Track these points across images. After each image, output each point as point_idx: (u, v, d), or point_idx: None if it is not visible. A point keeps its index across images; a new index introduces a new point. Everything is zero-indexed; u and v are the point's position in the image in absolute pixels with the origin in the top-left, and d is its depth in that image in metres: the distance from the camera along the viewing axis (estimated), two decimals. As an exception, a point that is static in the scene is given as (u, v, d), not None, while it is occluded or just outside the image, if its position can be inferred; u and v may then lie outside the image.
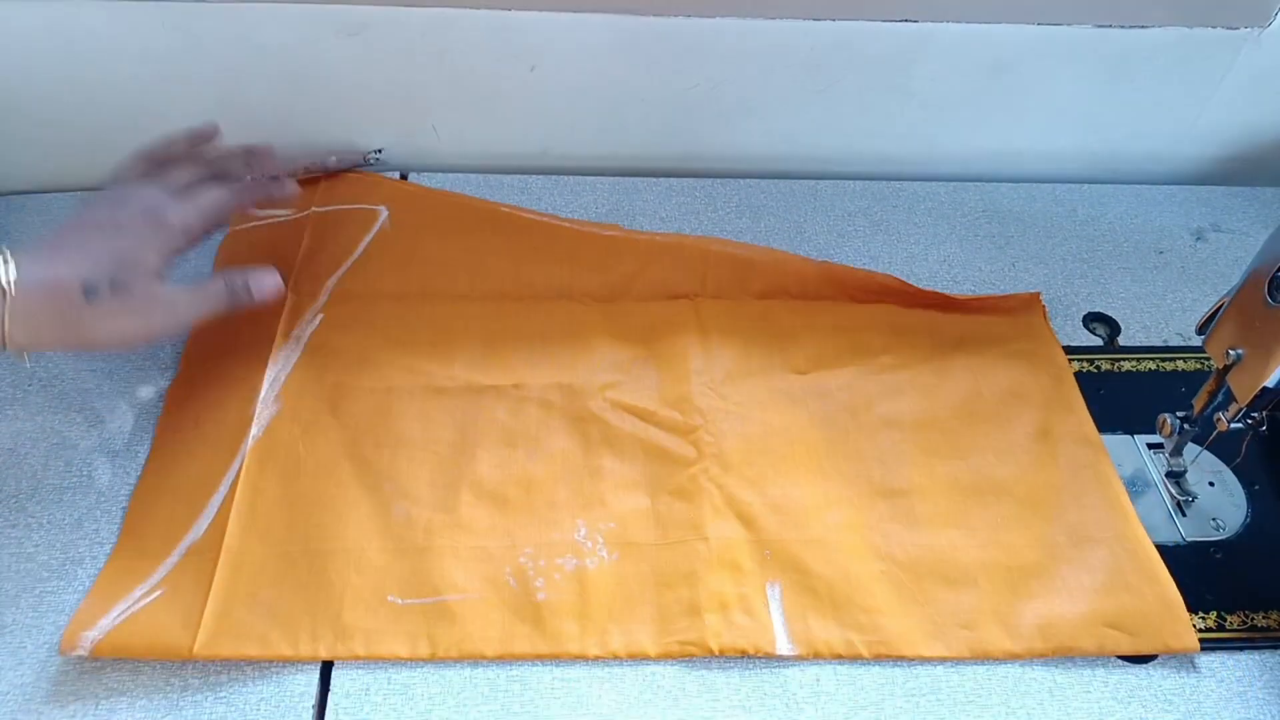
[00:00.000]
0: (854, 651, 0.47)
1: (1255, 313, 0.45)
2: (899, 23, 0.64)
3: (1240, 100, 0.70)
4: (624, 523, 0.51)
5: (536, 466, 0.53)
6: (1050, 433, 0.56)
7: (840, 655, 0.47)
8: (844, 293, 0.63)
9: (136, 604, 0.47)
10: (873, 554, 0.51)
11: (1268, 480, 0.56)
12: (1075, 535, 0.52)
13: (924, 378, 0.59)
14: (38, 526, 0.50)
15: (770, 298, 0.63)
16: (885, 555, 0.51)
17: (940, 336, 0.61)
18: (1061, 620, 0.48)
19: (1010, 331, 0.62)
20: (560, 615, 0.48)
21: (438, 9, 0.62)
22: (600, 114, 0.70)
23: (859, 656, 0.47)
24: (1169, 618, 0.48)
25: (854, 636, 0.48)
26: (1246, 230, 0.70)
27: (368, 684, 0.46)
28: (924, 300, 0.63)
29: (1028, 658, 0.48)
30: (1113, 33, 0.65)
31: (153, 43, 0.62)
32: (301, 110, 0.67)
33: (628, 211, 0.69)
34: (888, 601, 0.49)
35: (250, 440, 0.53)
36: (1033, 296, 0.63)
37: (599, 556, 0.50)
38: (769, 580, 0.49)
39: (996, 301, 0.63)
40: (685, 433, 0.55)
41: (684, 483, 0.53)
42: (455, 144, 0.71)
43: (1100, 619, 0.48)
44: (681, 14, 0.63)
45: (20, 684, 0.45)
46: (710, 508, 0.52)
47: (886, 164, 0.74)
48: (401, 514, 0.51)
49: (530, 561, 0.50)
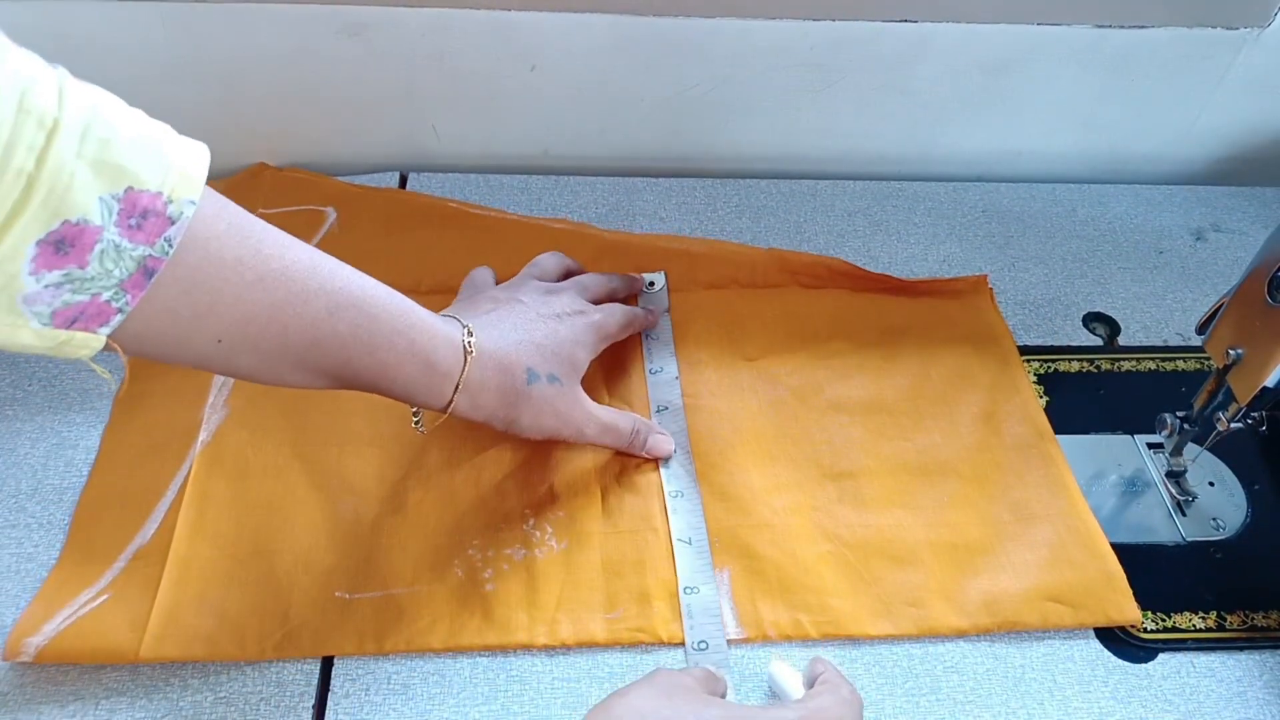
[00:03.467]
0: (802, 632, 0.48)
1: (1255, 313, 0.46)
2: (899, 23, 0.64)
3: (1240, 100, 0.70)
4: (573, 513, 0.51)
5: (485, 460, 0.53)
6: (995, 414, 0.57)
7: (789, 636, 0.48)
8: (793, 279, 0.63)
9: (82, 609, 0.46)
10: (821, 536, 0.51)
11: (1268, 480, 0.56)
12: (1020, 513, 0.52)
13: (872, 362, 0.59)
14: (38, 526, 0.50)
15: (719, 288, 0.63)
16: (833, 536, 0.51)
17: (888, 321, 0.61)
18: (1006, 596, 0.49)
19: (958, 314, 0.62)
20: (509, 605, 0.48)
21: (438, 9, 0.62)
22: (600, 114, 0.70)
23: (807, 637, 0.48)
24: (1110, 590, 0.49)
25: (802, 617, 0.48)
26: (1246, 230, 0.70)
27: (368, 684, 0.46)
28: (873, 283, 0.63)
29: (974, 633, 0.48)
30: (1113, 33, 0.65)
31: (153, 43, 0.62)
32: (301, 111, 0.67)
33: (628, 211, 0.69)
34: (835, 582, 0.49)
35: (199, 446, 0.53)
36: (980, 279, 0.64)
37: (548, 546, 0.50)
38: (718, 567, 0.50)
39: (944, 285, 0.63)
40: None
41: (634, 475, 0.53)
42: (455, 144, 0.71)
43: (1043, 593, 0.49)
44: (681, 14, 0.63)
45: (20, 684, 0.45)
46: (659, 499, 0.52)
47: (886, 164, 0.74)
48: (349, 510, 0.51)
49: (479, 553, 0.50)
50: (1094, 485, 0.55)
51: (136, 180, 0.33)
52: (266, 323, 0.38)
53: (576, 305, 0.53)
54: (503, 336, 0.48)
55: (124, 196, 0.32)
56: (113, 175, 0.32)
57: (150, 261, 0.34)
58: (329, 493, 0.52)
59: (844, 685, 0.43)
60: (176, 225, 0.34)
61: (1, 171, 0.29)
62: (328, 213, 0.66)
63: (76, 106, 0.31)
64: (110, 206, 0.32)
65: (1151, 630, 0.49)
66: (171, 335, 0.37)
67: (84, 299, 0.33)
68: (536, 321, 0.51)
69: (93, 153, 0.31)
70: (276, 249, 0.38)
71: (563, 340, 0.51)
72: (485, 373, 0.47)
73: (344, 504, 0.51)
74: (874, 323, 0.61)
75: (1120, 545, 0.51)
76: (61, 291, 0.32)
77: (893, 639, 0.48)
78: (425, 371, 0.44)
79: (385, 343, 0.42)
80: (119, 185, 0.32)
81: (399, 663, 0.47)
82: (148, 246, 0.33)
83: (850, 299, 0.63)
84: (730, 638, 0.48)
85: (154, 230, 0.33)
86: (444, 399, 0.46)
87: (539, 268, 0.57)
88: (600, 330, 0.54)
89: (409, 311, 0.44)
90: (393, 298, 0.43)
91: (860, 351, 0.60)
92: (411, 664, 0.47)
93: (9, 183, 0.30)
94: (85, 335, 0.34)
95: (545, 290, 0.54)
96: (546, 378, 0.49)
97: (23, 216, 0.30)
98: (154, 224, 0.33)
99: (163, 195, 0.33)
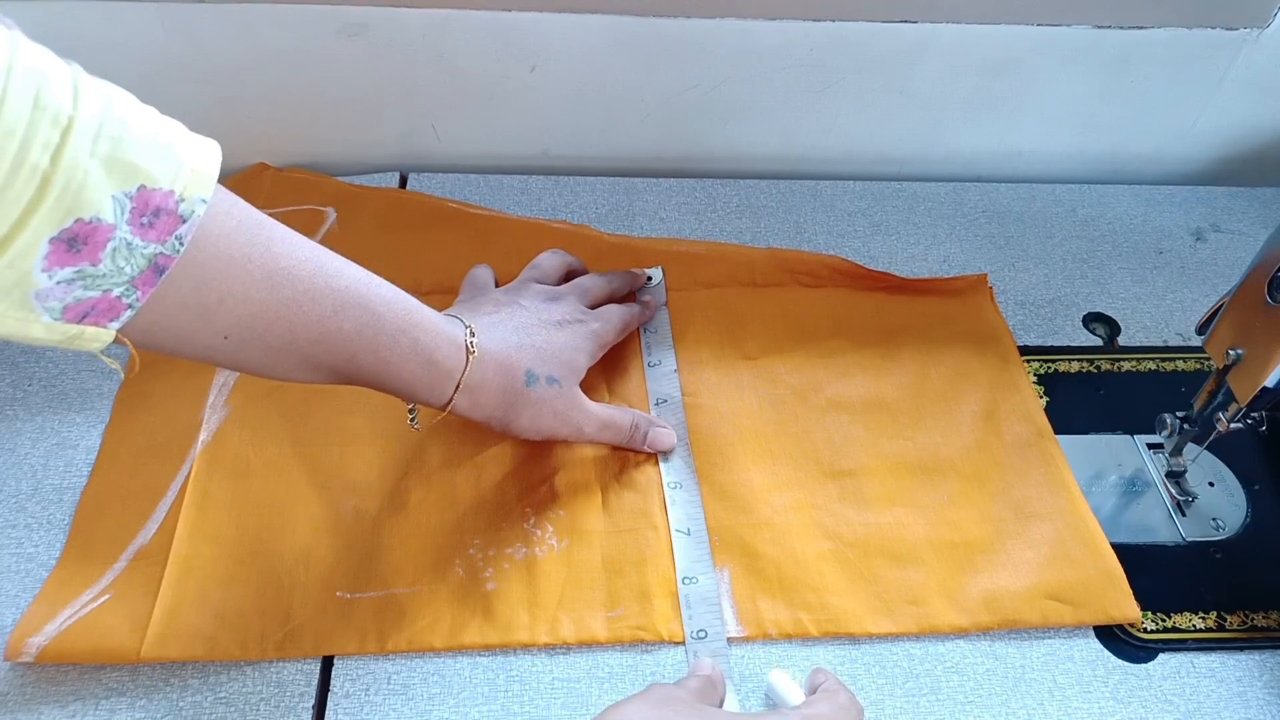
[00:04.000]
0: (803, 630, 0.48)
1: (1255, 313, 0.46)
2: (899, 23, 0.64)
3: (1240, 100, 0.70)
4: (573, 511, 0.52)
5: (486, 459, 0.53)
6: (995, 412, 0.57)
7: (789, 634, 0.48)
8: (793, 277, 0.64)
9: (83, 609, 0.46)
10: (821, 534, 0.51)
11: (1268, 480, 0.56)
12: (1020, 511, 0.53)
13: (872, 360, 0.59)
14: (38, 526, 0.50)
15: (719, 287, 0.63)
16: (833, 535, 0.51)
17: (888, 319, 0.62)
18: (1006, 594, 0.49)
19: (958, 313, 0.62)
20: (510, 604, 0.48)
21: (438, 9, 0.62)
22: (600, 114, 0.70)
23: (808, 635, 0.48)
24: (1110, 589, 0.49)
25: (803, 615, 0.48)
26: (1246, 230, 0.70)
27: (368, 684, 0.46)
28: (873, 282, 0.64)
29: (974, 631, 0.48)
30: (1112, 33, 0.65)
31: (153, 43, 0.62)
32: (301, 111, 0.67)
33: (627, 212, 0.69)
34: (836, 580, 0.49)
35: (199, 446, 0.53)
36: (980, 278, 0.64)
37: (549, 545, 0.50)
38: (718, 565, 0.50)
39: (944, 283, 0.64)
40: None
41: (633, 472, 0.53)
42: (455, 144, 0.71)
43: (1044, 592, 0.49)
44: (681, 14, 0.63)
45: (20, 684, 0.45)
46: (659, 496, 0.52)
47: (886, 164, 0.74)
48: (350, 510, 0.51)
49: (479, 553, 0.50)
50: (1094, 485, 0.55)
51: (149, 179, 0.33)
52: (274, 319, 0.39)
53: (576, 313, 0.54)
54: (504, 339, 0.49)
55: (136, 194, 0.32)
56: (125, 173, 0.32)
57: (161, 259, 0.34)
58: (330, 492, 0.52)
59: (842, 692, 0.43)
60: (188, 223, 0.34)
61: (17, 169, 0.29)
62: (328, 213, 0.65)
63: (91, 104, 0.31)
64: (123, 204, 0.32)
65: (1151, 630, 0.49)
66: (180, 330, 0.37)
67: (95, 295, 0.33)
68: (537, 327, 0.51)
69: (106, 151, 0.31)
70: (285, 247, 0.39)
71: (562, 346, 0.51)
72: (486, 373, 0.47)
73: (345, 503, 0.51)
74: (874, 321, 0.61)
75: (1120, 545, 0.51)
76: (73, 288, 0.32)
77: (893, 637, 0.48)
78: (427, 370, 0.45)
79: (389, 341, 0.43)
80: (132, 183, 0.32)
81: (399, 663, 0.47)
82: (159, 244, 0.33)
83: (850, 297, 0.63)
84: (731, 636, 0.48)
85: (166, 228, 0.33)
86: (444, 397, 0.46)
87: (539, 269, 0.57)
88: (599, 339, 0.54)
89: (413, 310, 0.44)
90: (397, 296, 0.44)
91: (860, 350, 0.60)
92: (411, 664, 0.47)
93: (24, 180, 0.30)
94: (95, 330, 0.34)
95: (546, 296, 0.54)
96: (545, 379, 0.49)
97: (37, 214, 0.30)
98: (166, 222, 0.33)
99: (175, 193, 0.33)
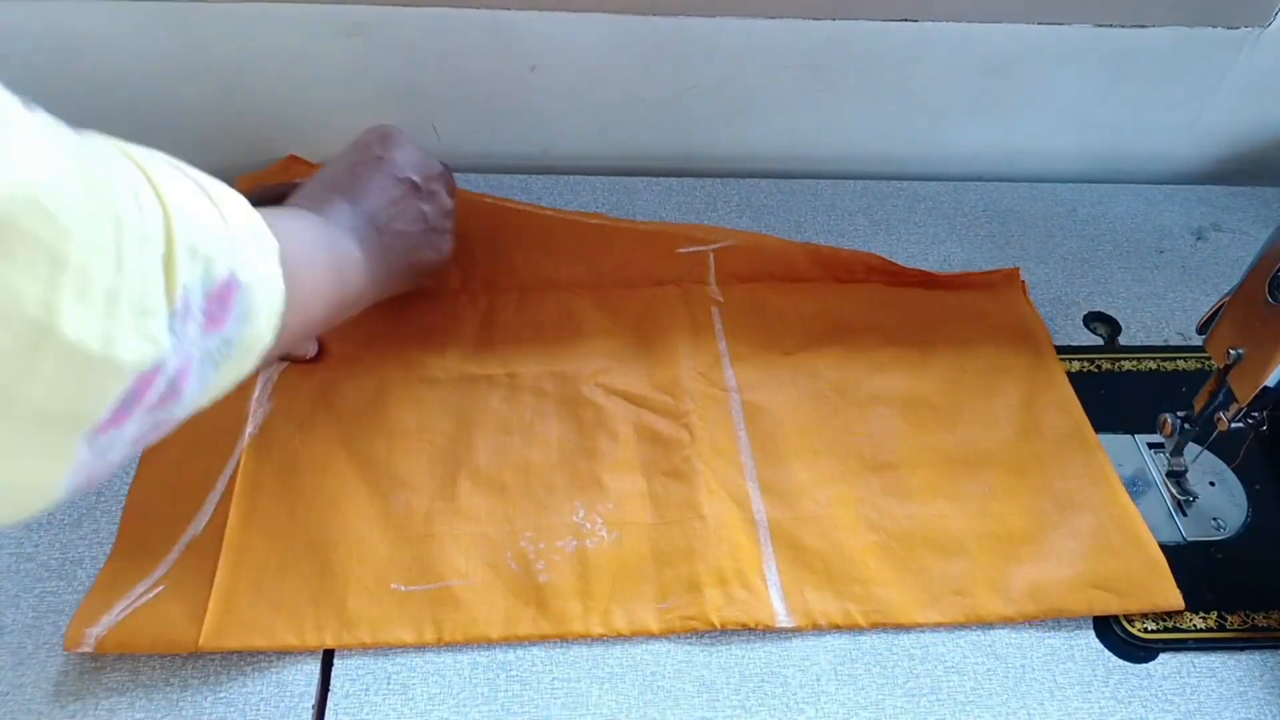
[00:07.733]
0: (851, 621, 0.48)
1: (1256, 312, 0.45)
2: (899, 23, 0.64)
3: (1240, 100, 0.70)
4: (621, 503, 0.52)
5: (533, 452, 0.54)
6: (1033, 404, 0.57)
7: (838, 625, 0.48)
8: (829, 273, 0.64)
9: (139, 600, 0.47)
10: (866, 527, 0.51)
11: (1268, 480, 0.55)
12: (1061, 502, 0.53)
13: (910, 354, 0.59)
14: (38, 526, 0.50)
15: (756, 281, 0.63)
16: (878, 527, 0.52)
17: (924, 314, 0.62)
18: (1051, 583, 0.49)
19: (992, 307, 0.63)
20: (563, 596, 0.48)
21: (438, 9, 0.62)
22: (600, 114, 0.70)
23: (856, 626, 0.48)
24: (1154, 577, 0.50)
25: (851, 607, 0.48)
26: (1246, 230, 0.70)
27: (367, 684, 0.46)
28: (908, 278, 0.64)
29: (1020, 620, 0.49)
30: (1113, 33, 0.65)
31: (153, 43, 0.62)
32: (302, 111, 0.67)
33: (628, 212, 0.69)
34: (882, 572, 0.50)
35: (245, 439, 0.53)
36: (1012, 272, 0.64)
37: (599, 536, 0.50)
38: (765, 556, 0.50)
39: (978, 278, 0.64)
40: (677, 416, 0.55)
41: (678, 464, 0.53)
42: (455, 144, 0.71)
43: (1088, 581, 0.50)
44: (681, 14, 0.63)
45: (20, 684, 0.45)
46: (705, 489, 0.52)
47: (886, 164, 0.74)
48: (401, 503, 0.51)
49: (530, 545, 0.50)
50: (1094, 485, 0.55)
51: None
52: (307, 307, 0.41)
53: None
54: None
55: None
56: None
57: None
58: (379, 485, 0.52)
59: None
60: None
61: None
62: None
63: None
64: None
65: (1152, 630, 0.49)
66: None
67: None
68: None
69: None
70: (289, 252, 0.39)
71: None
72: None
73: (395, 497, 0.51)
74: (910, 317, 0.62)
75: (1121, 545, 0.51)
76: None
77: (893, 637, 0.48)
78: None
79: None
80: None
81: (399, 663, 0.47)
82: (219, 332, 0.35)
83: (885, 294, 0.63)
84: (781, 626, 0.48)
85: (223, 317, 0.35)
86: None
87: None
88: None
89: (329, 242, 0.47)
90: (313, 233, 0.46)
91: (897, 345, 0.60)
92: (411, 664, 0.47)
93: None
94: None
95: None
96: None
97: None
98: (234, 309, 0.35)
99: None
